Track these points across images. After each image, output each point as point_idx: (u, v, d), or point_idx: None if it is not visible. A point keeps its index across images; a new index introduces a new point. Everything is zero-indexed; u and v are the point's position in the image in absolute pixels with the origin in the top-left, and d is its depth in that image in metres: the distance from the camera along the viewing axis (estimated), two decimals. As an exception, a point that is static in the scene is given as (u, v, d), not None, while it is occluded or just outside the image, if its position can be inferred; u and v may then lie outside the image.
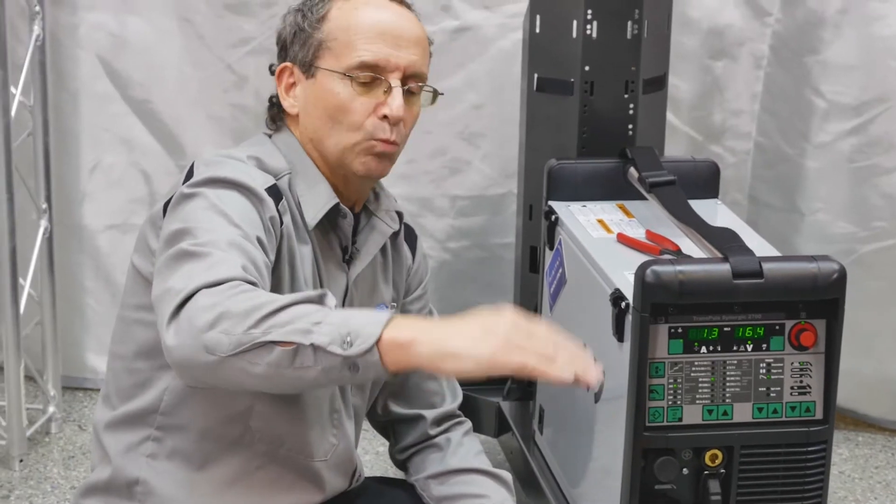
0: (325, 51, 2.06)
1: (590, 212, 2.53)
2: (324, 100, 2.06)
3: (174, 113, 3.44)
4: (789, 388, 2.11)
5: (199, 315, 1.71)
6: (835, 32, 3.23)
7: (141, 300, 2.01)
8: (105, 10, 3.37)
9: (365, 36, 2.04)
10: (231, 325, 1.70)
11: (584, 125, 2.76)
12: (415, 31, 2.10)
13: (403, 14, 2.10)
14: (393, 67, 2.05)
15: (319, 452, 2.07)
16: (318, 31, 2.06)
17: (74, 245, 3.49)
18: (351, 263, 2.12)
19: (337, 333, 1.68)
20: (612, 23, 2.71)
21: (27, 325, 3.30)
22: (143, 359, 2.02)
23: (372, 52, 2.04)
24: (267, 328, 1.69)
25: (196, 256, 1.81)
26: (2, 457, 3.21)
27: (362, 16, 2.06)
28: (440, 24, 3.32)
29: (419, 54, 2.09)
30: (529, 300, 2.85)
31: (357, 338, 1.67)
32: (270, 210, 1.96)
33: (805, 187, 3.34)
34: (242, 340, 1.69)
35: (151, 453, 2.03)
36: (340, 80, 2.04)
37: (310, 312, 1.71)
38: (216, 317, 1.70)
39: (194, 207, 1.90)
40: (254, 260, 1.85)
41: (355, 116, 2.04)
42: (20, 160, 3.21)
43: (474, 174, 3.43)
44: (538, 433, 2.71)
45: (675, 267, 2.05)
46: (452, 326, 1.70)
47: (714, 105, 3.41)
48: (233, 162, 2.01)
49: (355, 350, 1.67)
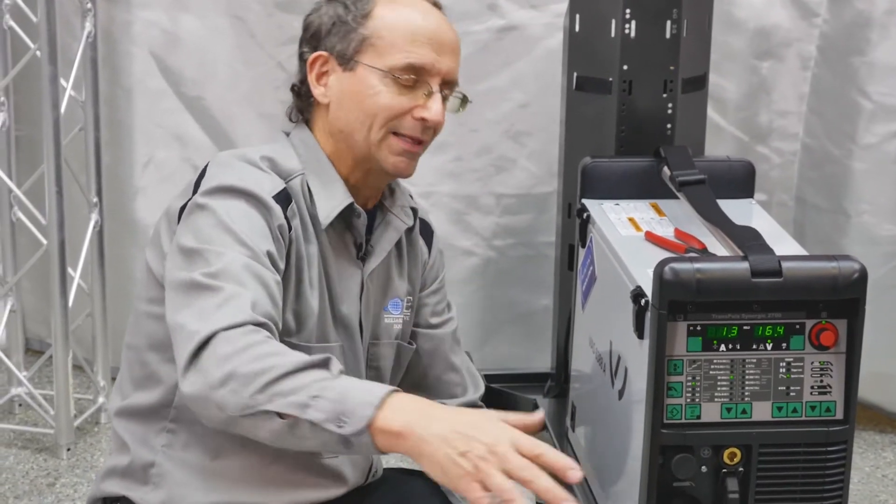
0: (369, 47, 2.07)
1: (622, 210, 2.54)
2: (361, 93, 2.07)
3: (226, 109, 3.48)
4: (809, 388, 2.11)
5: (212, 370, 1.78)
6: (882, 33, 3.21)
7: (151, 294, 2.05)
8: (158, 7, 3.43)
9: (413, 39, 2.06)
10: (239, 386, 1.76)
11: (623, 124, 2.77)
12: (454, 39, 2.12)
13: (444, 20, 2.12)
14: (435, 73, 2.07)
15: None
16: (363, 26, 2.08)
17: (127, 239, 3.55)
18: (365, 260, 2.14)
19: (332, 411, 1.73)
20: (651, 22, 2.72)
21: (78, 317, 3.36)
22: (153, 351, 2.06)
23: (419, 55, 2.06)
24: (270, 396, 1.75)
25: (208, 290, 1.86)
26: (50, 445, 3.27)
27: (411, 19, 2.08)
28: (486, 23, 3.34)
29: (456, 62, 2.12)
30: (567, 298, 2.86)
31: (351, 418, 1.73)
32: (278, 218, 1.99)
33: (851, 189, 3.32)
34: (248, 404, 1.76)
35: (167, 443, 2.07)
36: (382, 77, 2.06)
37: (311, 382, 1.76)
38: (227, 375, 1.77)
39: (205, 224, 1.94)
40: (265, 283, 1.90)
41: (391, 114, 2.06)
42: (73, 155, 3.27)
43: (520, 172, 3.45)
44: (571, 430, 2.72)
45: (694, 265, 2.05)
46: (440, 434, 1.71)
47: (760, 106, 3.40)
48: (244, 166, 2.03)
49: (347, 431, 1.73)
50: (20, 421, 3.44)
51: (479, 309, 3.50)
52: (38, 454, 3.26)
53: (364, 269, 2.13)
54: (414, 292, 2.25)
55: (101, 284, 3.40)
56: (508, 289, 3.52)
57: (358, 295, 2.13)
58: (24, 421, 3.43)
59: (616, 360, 2.31)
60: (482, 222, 3.48)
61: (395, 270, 2.21)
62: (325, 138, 2.12)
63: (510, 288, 3.51)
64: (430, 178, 3.40)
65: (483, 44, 3.35)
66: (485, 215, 3.48)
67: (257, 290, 1.88)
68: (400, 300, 2.21)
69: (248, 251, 1.92)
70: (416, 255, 2.25)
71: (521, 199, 3.47)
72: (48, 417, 3.28)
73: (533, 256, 3.49)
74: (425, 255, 2.28)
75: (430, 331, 2.30)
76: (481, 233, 3.48)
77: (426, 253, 2.28)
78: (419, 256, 2.26)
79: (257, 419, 1.77)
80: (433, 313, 2.30)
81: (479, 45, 3.36)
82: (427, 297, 2.29)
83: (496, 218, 3.48)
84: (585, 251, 2.57)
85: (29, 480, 3.15)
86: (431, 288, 2.30)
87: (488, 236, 3.49)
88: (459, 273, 3.47)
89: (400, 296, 2.21)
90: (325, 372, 1.78)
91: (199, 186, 2.03)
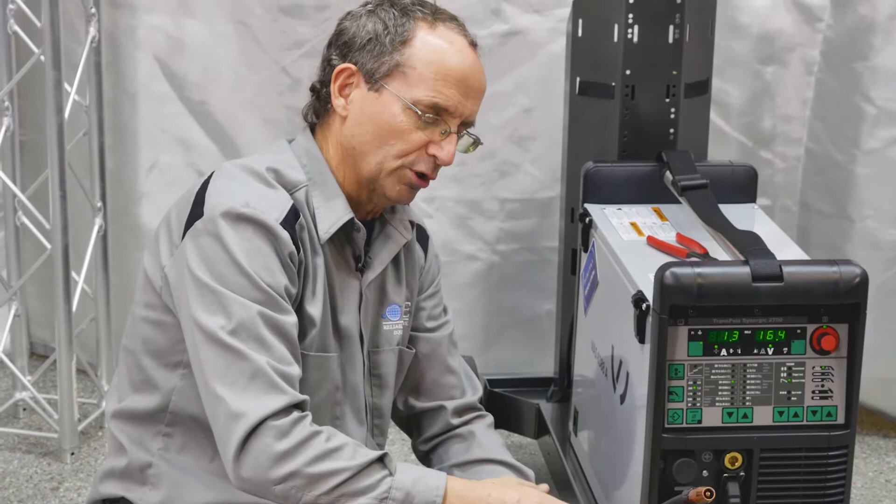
0: (400, 74, 2.07)
1: (624, 214, 2.54)
2: (380, 118, 2.07)
3: (230, 114, 3.48)
4: (810, 392, 2.11)
5: (271, 465, 1.91)
6: (885, 38, 3.21)
7: (147, 299, 2.07)
8: (163, 12, 3.43)
9: (444, 78, 2.06)
10: (304, 485, 1.91)
11: (625, 129, 2.77)
12: (483, 83, 2.14)
13: (477, 62, 2.13)
14: (458, 114, 2.09)
15: None
16: (398, 52, 2.07)
17: (131, 243, 3.55)
18: (363, 271, 2.15)
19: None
20: (654, 27, 2.72)
21: (82, 321, 3.37)
22: (149, 357, 2.08)
23: (446, 96, 2.06)
24: (337, 497, 1.91)
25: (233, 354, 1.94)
26: (54, 449, 3.28)
27: (446, 56, 2.08)
28: (490, 28, 3.34)
29: (478, 105, 2.14)
30: (570, 302, 2.87)
31: None
32: (288, 245, 2.00)
33: (855, 194, 3.32)
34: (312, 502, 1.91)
35: (163, 446, 2.08)
36: (405, 108, 2.06)
37: (376, 483, 1.92)
38: (289, 474, 1.91)
39: (217, 258, 1.97)
40: (283, 333, 1.97)
41: (406, 146, 2.07)
42: (77, 159, 3.28)
43: (523, 177, 3.45)
44: (573, 435, 2.73)
45: (695, 269, 2.06)
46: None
47: (764, 111, 3.40)
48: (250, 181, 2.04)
49: None
50: (24, 425, 3.44)
51: (482, 313, 3.50)
52: (42, 458, 3.27)
53: (362, 281, 2.14)
54: (412, 297, 2.26)
55: (104, 289, 3.41)
56: (512, 293, 3.52)
57: (357, 305, 2.14)
58: (28, 425, 3.44)
59: (618, 365, 2.32)
60: (486, 227, 3.48)
61: (392, 278, 2.22)
62: (332, 148, 2.13)
63: (514, 292, 3.51)
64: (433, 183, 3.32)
65: (487, 49, 3.29)
66: (488, 220, 3.48)
67: (278, 349, 1.96)
68: (398, 307, 2.22)
69: (264, 296, 1.96)
70: (413, 261, 2.26)
71: (524, 204, 3.47)
72: (52, 422, 3.29)
73: (536, 261, 3.49)
74: (421, 259, 2.29)
75: (427, 334, 2.30)
76: (485, 237, 3.49)
77: (422, 257, 2.29)
78: (416, 262, 2.27)
79: None
80: (430, 317, 2.31)
81: (482, 51, 3.31)
82: (424, 301, 2.30)
83: (500, 222, 3.48)
84: (588, 256, 2.57)
85: (33, 484, 3.16)
86: (428, 292, 2.31)
87: (492, 241, 3.49)
88: (463, 277, 3.47)
89: (398, 302, 2.22)
90: (384, 469, 1.94)
91: (201, 198, 2.03)
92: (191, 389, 2.03)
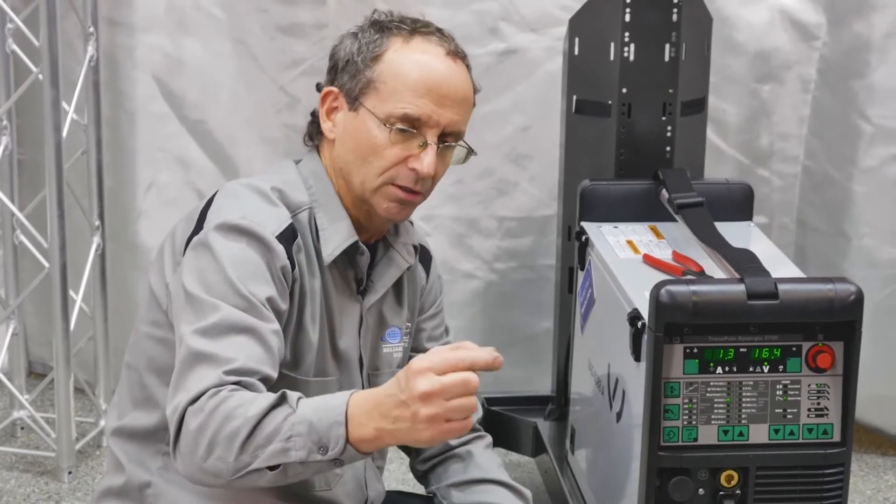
0: (373, 90, 2.07)
1: (620, 233, 2.54)
2: (359, 137, 2.07)
3: (228, 133, 3.49)
4: (806, 410, 2.11)
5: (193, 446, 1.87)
6: (881, 56, 3.22)
7: (152, 316, 2.07)
8: (161, 32, 3.43)
9: (413, 89, 2.05)
10: (222, 453, 1.85)
11: (622, 147, 2.77)
12: (461, 90, 2.10)
13: (454, 70, 2.10)
14: (433, 124, 2.06)
15: (320, 484, 2.11)
16: (370, 69, 2.07)
17: (129, 262, 3.55)
18: (365, 294, 2.15)
19: (310, 443, 1.83)
20: (650, 45, 2.73)
21: (80, 340, 3.37)
22: (153, 374, 2.08)
23: (416, 106, 2.04)
24: (252, 452, 1.85)
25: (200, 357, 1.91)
26: (51, 468, 3.28)
27: (414, 67, 2.06)
28: (488, 47, 3.35)
29: (461, 113, 2.10)
30: (567, 321, 2.87)
31: (328, 441, 1.83)
32: (281, 259, 2.00)
33: (852, 212, 3.33)
34: (238, 467, 1.85)
35: (163, 465, 2.08)
36: (380, 124, 2.05)
37: (280, 424, 1.84)
38: (208, 445, 1.86)
39: (207, 267, 1.97)
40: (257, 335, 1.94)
41: (384, 162, 2.06)
42: (75, 178, 3.28)
43: (521, 195, 3.45)
44: (570, 453, 2.73)
45: (690, 287, 2.06)
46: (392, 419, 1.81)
47: (761, 128, 3.41)
48: (253, 198, 2.05)
49: (332, 454, 1.83)
50: (22, 444, 3.44)
51: (480, 331, 3.50)
52: (39, 477, 3.26)
53: (363, 304, 2.14)
54: (412, 318, 2.26)
55: (102, 307, 3.41)
56: (510, 312, 3.52)
57: (357, 328, 2.14)
58: (25, 444, 3.44)
59: (614, 383, 2.32)
60: (483, 245, 3.48)
61: (393, 300, 2.21)
62: (332, 171, 2.13)
63: (511, 311, 3.51)
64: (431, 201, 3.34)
65: (484, 67, 3.36)
66: (486, 238, 3.48)
67: (243, 346, 1.93)
68: (398, 329, 2.22)
69: (244, 302, 1.95)
70: (414, 283, 2.26)
71: (522, 222, 3.47)
72: (50, 441, 3.29)
73: (534, 279, 3.49)
74: (423, 280, 2.28)
75: None
76: (482, 256, 3.49)
77: (424, 278, 2.29)
78: (417, 283, 2.26)
79: (251, 476, 1.86)
80: (430, 338, 2.31)
81: (480, 69, 3.30)
82: (424, 322, 2.30)
83: (497, 241, 3.48)
84: (584, 274, 2.57)
85: None
86: (429, 313, 2.30)
87: (489, 259, 3.49)
88: (461, 296, 3.47)
89: (398, 325, 2.22)
90: (287, 408, 1.86)
91: (204, 215, 2.04)
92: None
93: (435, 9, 3.28)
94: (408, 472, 2.42)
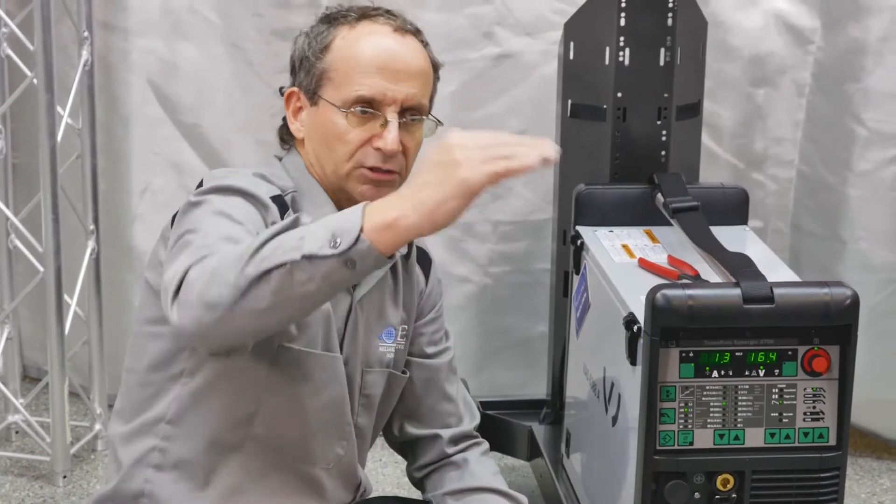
0: (327, 80, 2.10)
1: (616, 237, 2.55)
2: (323, 128, 2.10)
3: (223, 137, 3.49)
4: (802, 414, 2.11)
5: (194, 285, 1.78)
6: (876, 60, 3.22)
7: (153, 314, 2.06)
8: (156, 36, 3.43)
9: (363, 70, 2.07)
10: (226, 277, 1.76)
11: (617, 151, 2.78)
12: (415, 63, 2.12)
13: (405, 44, 2.12)
14: (390, 101, 2.08)
15: (322, 460, 2.11)
16: (321, 60, 2.10)
17: (124, 266, 3.55)
18: (356, 286, 2.15)
19: (323, 238, 1.73)
20: (645, 50, 2.73)
21: (75, 344, 3.36)
22: (155, 371, 2.08)
23: (368, 86, 2.07)
24: (258, 262, 1.75)
25: (191, 244, 1.87)
26: (46, 472, 3.27)
27: (362, 48, 2.09)
28: (482, 51, 3.35)
29: (419, 86, 2.11)
30: (562, 325, 2.87)
31: (342, 234, 1.72)
32: (274, 216, 2.01)
33: (847, 216, 3.33)
34: (240, 283, 1.75)
35: (157, 464, 2.08)
36: (339, 111, 2.08)
37: (291, 235, 1.77)
38: (209, 277, 1.77)
39: (200, 213, 1.96)
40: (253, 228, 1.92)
41: (349, 147, 2.08)
42: (69, 183, 3.28)
43: (516, 199, 3.45)
44: (566, 457, 2.73)
45: (686, 291, 2.06)
46: (418, 186, 1.73)
47: (756, 133, 3.41)
48: (241, 174, 2.07)
49: (345, 244, 1.72)
50: (17, 448, 3.43)
51: (475, 336, 3.50)
52: (34, 482, 3.26)
53: (354, 295, 2.14)
54: (409, 321, 2.25)
55: (97, 312, 3.40)
56: (504, 316, 3.52)
57: (344, 320, 2.13)
58: (20, 448, 3.43)
59: (610, 387, 2.32)
60: (478, 249, 3.48)
61: (390, 299, 2.21)
62: (310, 167, 2.14)
63: (506, 315, 3.51)
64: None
65: (479, 71, 3.36)
66: (481, 242, 3.48)
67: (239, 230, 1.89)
68: (394, 329, 2.22)
69: (242, 227, 1.92)
70: (412, 284, 2.25)
71: (517, 226, 3.47)
72: (44, 445, 3.28)
73: (529, 283, 3.49)
74: (422, 283, 2.28)
75: (426, 360, 2.30)
76: (477, 260, 3.49)
77: (423, 282, 2.28)
78: (415, 285, 2.26)
79: (256, 290, 1.74)
80: (430, 343, 2.31)
81: (475, 73, 3.37)
82: (424, 327, 2.29)
83: (492, 245, 3.48)
84: (579, 278, 2.57)
85: (25, 508, 3.16)
86: (428, 317, 2.30)
87: (484, 263, 3.49)
88: (455, 300, 3.47)
89: (394, 325, 2.22)
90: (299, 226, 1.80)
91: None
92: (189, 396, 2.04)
93: (429, 13, 3.28)
94: (402, 476, 2.42)
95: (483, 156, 1.71)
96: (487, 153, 1.71)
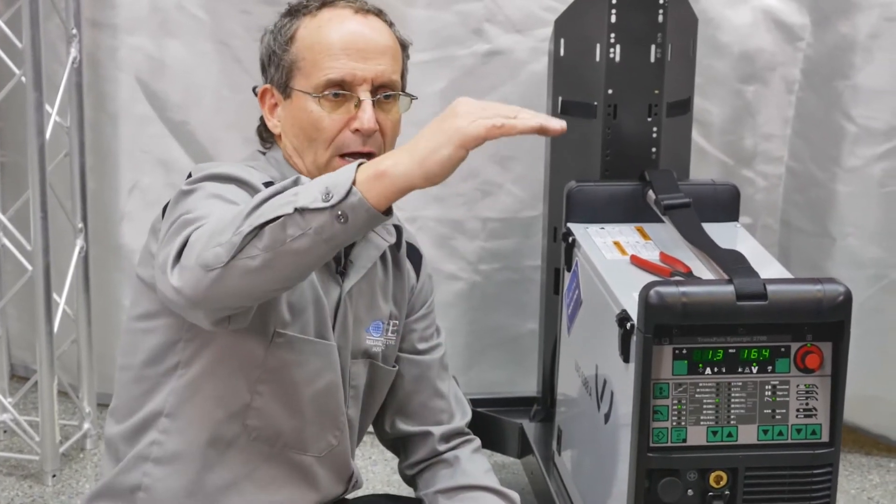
0: (296, 71, 2.11)
1: (607, 234, 2.54)
2: (299, 119, 2.11)
3: (211, 135, 3.48)
4: (795, 411, 2.12)
5: (194, 246, 1.79)
6: (865, 57, 3.22)
7: (147, 308, 2.06)
8: (144, 33, 3.42)
9: (329, 53, 2.08)
10: (222, 237, 1.77)
11: (608, 148, 2.77)
12: (381, 41, 2.13)
13: (368, 24, 2.13)
14: (360, 81, 2.08)
15: (314, 448, 2.11)
16: (288, 52, 2.12)
17: (112, 264, 3.54)
18: (345, 276, 2.15)
19: (316, 192, 1.74)
20: (636, 46, 2.73)
21: (64, 343, 3.35)
22: (150, 366, 2.08)
23: (337, 68, 2.08)
24: (253, 220, 1.76)
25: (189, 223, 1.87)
26: (35, 472, 3.26)
27: (325, 32, 2.10)
28: (472, 48, 3.35)
29: (388, 63, 2.12)
30: (553, 322, 2.86)
31: (335, 187, 1.74)
32: None
33: (836, 212, 3.33)
34: (234, 241, 1.75)
35: (154, 458, 2.08)
36: (312, 99, 2.09)
37: (287, 192, 1.78)
38: (207, 239, 1.78)
39: (195, 198, 1.96)
40: None
41: (328, 133, 2.09)
42: (58, 181, 3.27)
43: (505, 197, 3.45)
44: (557, 454, 2.72)
45: (679, 288, 2.06)
46: (415, 139, 1.75)
47: (745, 129, 3.41)
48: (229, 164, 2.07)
49: (337, 197, 1.72)
50: (5, 447, 3.42)
51: (464, 333, 3.50)
52: (23, 481, 3.25)
53: (343, 286, 2.13)
54: (399, 316, 2.25)
55: (86, 310, 3.39)
56: (494, 313, 3.51)
57: (333, 310, 2.13)
58: (9, 447, 3.42)
59: (602, 384, 2.31)
60: (468, 247, 3.48)
61: (380, 291, 2.21)
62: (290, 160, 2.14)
63: (496, 312, 3.51)
64: (415, 203, 3.40)
65: (469, 68, 3.36)
66: (470, 240, 3.48)
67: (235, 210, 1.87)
68: (382, 323, 2.22)
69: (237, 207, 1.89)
70: (402, 278, 2.25)
71: (506, 224, 3.47)
72: (33, 444, 3.27)
73: (519, 281, 3.49)
74: (413, 279, 2.28)
75: (417, 356, 2.30)
76: (467, 257, 3.48)
77: (414, 277, 2.28)
78: (406, 280, 2.26)
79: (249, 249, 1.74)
80: (421, 339, 2.30)
81: (464, 70, 3.36)
82: (415, 323, 2.29)
83: (482, 242, 3.48)
84: (571, 275, 2.57)
85: (14, 507, 3.15)
86: (419, 313, 2.30)
87: (474, 260, 3.49)
88: (445, 297, 3.46)
89: (382, 318, 2.22)
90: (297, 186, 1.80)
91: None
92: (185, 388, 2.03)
93: (419, 10, 3.28)
94: (393, 474, 2.43)
95: (484, 113, 1.75)
96: (489, 111, 1.75)
